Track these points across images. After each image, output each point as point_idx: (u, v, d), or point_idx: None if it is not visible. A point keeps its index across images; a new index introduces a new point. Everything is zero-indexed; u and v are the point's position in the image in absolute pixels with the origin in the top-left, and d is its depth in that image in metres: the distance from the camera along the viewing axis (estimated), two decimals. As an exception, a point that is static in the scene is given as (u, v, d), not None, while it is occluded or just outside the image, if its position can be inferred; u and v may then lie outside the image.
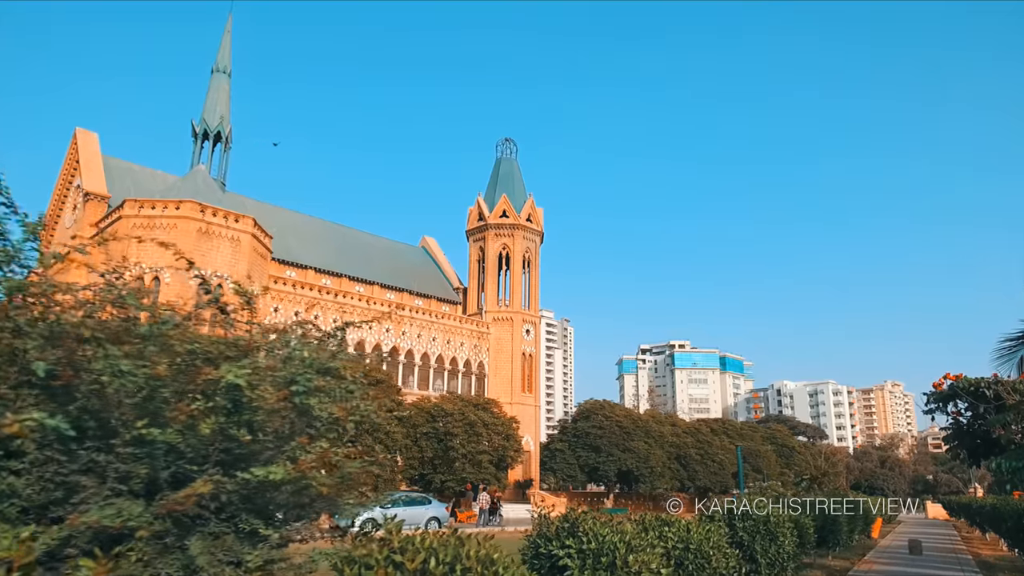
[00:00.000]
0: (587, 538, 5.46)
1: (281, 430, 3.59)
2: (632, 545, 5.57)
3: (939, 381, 11.39)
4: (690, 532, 7.27)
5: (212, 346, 3.55)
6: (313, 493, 3.57)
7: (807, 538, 11.90)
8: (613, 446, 46.54)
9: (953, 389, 10.64)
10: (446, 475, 36.73)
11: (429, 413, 37.60)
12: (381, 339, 58.56)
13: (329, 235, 66.90)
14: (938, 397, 11.05)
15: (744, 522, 9.81)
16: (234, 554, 3.07)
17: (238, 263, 46.19)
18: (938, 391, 11.22)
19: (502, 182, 72.44)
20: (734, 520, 9.84)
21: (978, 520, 26.86)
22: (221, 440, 3.20)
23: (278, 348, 3.97)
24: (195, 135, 60.87)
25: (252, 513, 3.28)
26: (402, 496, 27.92)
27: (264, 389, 3.36)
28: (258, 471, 3.07)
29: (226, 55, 64.29)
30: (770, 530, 9.78)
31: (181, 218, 44.93)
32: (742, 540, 9.65)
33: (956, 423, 10.85)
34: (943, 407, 10.98)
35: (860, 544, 21.83)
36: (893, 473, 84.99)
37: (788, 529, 10.14)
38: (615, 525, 5.80)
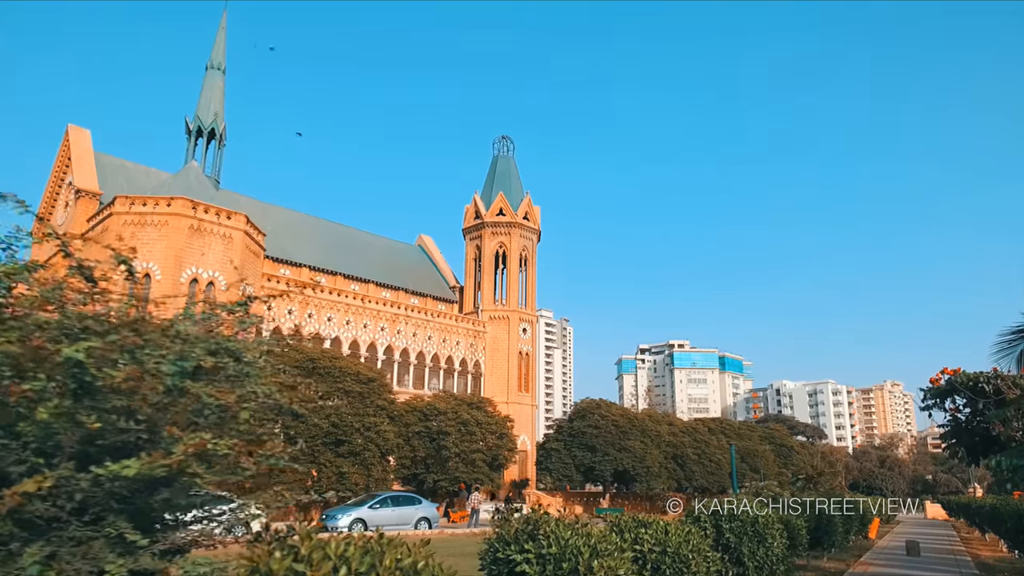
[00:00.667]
0: (547, 542, 4.99)
1: (157, 418, 3.08)
2: (598, 549, 5.09)
3: (936, 376, 10.89)
4: (668, 534, 6.80)
5: (77, 321, 3.02)
6: (204, 492, 3.07)
7: (799, 540, 11.43)
8: (609, 445, 46.05)
9: (951, 384, 10.14)
10: (439, 475, 36.25)
11: (422, 412, 37.12)
12: (376, 338, 58.07)
13: (324, 233, 66.42)
14: (935, 393, 10.53)
15: (731, 523, 9.35)
16: (96, 564, 2.59)
17: (230, 261, 45.68)
18: (935, 387, 10.71)
19: (499, 180, 71.97)
20: (720, 521, 9.37)
21: (977, 520, 26.39)
22: (71, 428, 2.69)
23: (168, 327, 3.46)
24: (188, 132, 60.35)
25: (127, 516, 2.79)
26: (390, 496, 27.45)
27: (124, 369, 2.84)
28: (112, 466, 2.58)
29: (220, 52, 63.80)
30: (758, 532, 9.31)
31: (172, 215, 44.44)
32: (728, 543, 9.18)
33: (954, 420, 10.34)
34: (940, 403, 10.47)
35: (856, 545, 21.36)
36: (892, 473, 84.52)
37: (777, 531, 9.67)
38: (581, 528, 5.33)
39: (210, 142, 60.93)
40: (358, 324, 57.06)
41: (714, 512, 9.52)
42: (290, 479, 21.83)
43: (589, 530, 5.39)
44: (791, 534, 11.30)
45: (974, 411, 9.92)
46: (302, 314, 53.57)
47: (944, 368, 10.38)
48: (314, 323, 54.00)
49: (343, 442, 32.37)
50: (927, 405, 10.60)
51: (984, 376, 9.65)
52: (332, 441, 32.31)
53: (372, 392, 33.69)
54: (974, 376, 9.78)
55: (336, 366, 33.59)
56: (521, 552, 5.05)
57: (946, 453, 10.76)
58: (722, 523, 9.30)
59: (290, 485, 18.64)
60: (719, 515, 9.45)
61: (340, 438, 32.33)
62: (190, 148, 59.76)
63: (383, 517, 26.51)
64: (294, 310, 53.10)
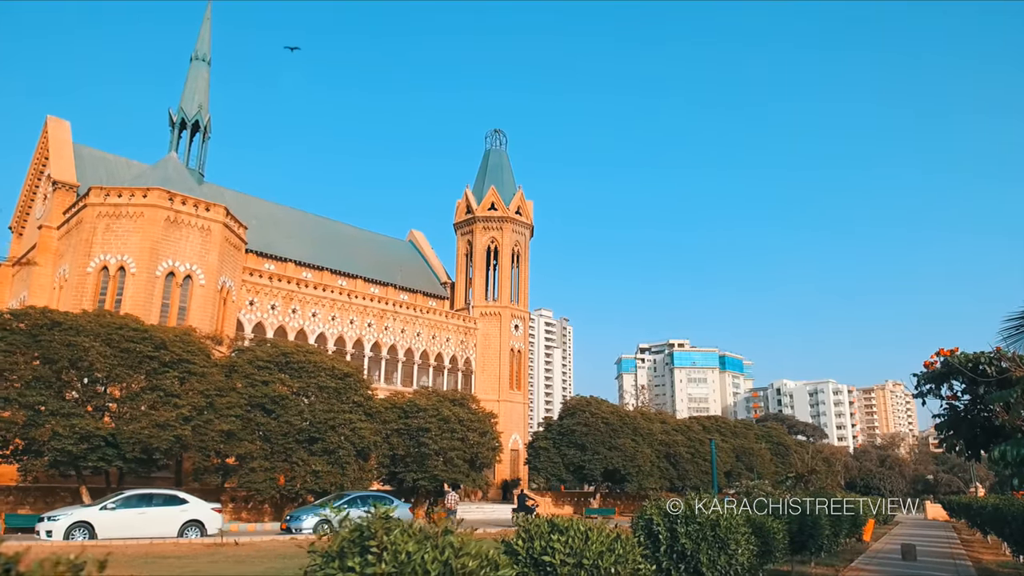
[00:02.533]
0: (377, 558, 3.64)
1: None
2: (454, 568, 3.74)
3: (931, 359, 9.47)
4: (588, 541, 5.43)
5: None
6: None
7: (774, 544, 10.05)
8: (599, 444, 44.65)
9: (948, 367, 8.71)
10: (419, 473, 34.86)
11: (402, 409, 35.74)
12: (362, 334, 56.74)
13: (311, 227, 65.10)
14: (930, 377, 9.10)
15: (687, 526, 7.98)
16: None
17: (208, 253, 44.41)
18: (930, 371, 9.29)
19: (491, 174, 70.63)
20: (674, 524, 7.99)
21: (979, 521, 25.00)
22: None
23: None
24: (172, 124, 59.11)
25: None
26: (359, 496, 26.02)
27: None
28: None
29: (205, 43, 62.55)
30: (719, 536, 7.93)
31: (148, 206, 43.13)
32: (684, 550, 7.82)
33: (951, 409, 8.91)
34: (936, 390, 9.04)
35: (849, 548, 19.98)
36: (892, 472, 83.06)
37: (743, 535, 8.29)
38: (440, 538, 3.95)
39: (194, 135, 59.69)
40: (344, 320, 55.73)
41: (667, 513, 8.15)
42: (260, 479, 20.16)
43: (462, 539, 4.00)
44: (764, 538, 9.93)
45: (974, 398, 8.50)
46: (286, 309, 52.24)
47: (940, 349, 8.96)
48: (298, 319, 52.67)
49: (317, 440, 31.06)
50: (921, 392, 9.14)
51: (986, 356, 8.25)
52: (306, 439, 31.01)
53: (348, 388, 32.34)
54: (974, 356, 8.37)
55: (310, 361, 32.24)
56: (345, 571, 3.71)
57: (942, 447, 9.27)
58: (676, 526, 7.93)
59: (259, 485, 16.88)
60: (673, 517, 8.08)
61: (314, 436, 31.02)
62: (174, 140, 58.53)
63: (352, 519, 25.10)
64: (277, 305, 51.78)
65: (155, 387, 27.66)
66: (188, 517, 21.99)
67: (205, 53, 62.25)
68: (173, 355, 28.38)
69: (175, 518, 21.48)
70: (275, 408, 30.59)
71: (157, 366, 27.80)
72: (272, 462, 30.36)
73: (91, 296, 40.95)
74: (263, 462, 30.28)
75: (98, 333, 26.64)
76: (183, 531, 23.29)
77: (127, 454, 26.12)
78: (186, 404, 27.72)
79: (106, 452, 25.97)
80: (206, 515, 22.14)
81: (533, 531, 5.50)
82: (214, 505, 22.65)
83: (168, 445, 26.50)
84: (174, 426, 26.54)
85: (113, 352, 26.71)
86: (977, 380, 8.72)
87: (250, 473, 30.19)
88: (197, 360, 29.64)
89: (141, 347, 27.31)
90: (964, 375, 8.93)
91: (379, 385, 54.98)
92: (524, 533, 5.50)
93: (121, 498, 21.57)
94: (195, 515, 21.96)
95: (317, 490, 30.86)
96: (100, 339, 26.56)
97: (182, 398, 27.92)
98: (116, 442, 25.98)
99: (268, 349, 32.78)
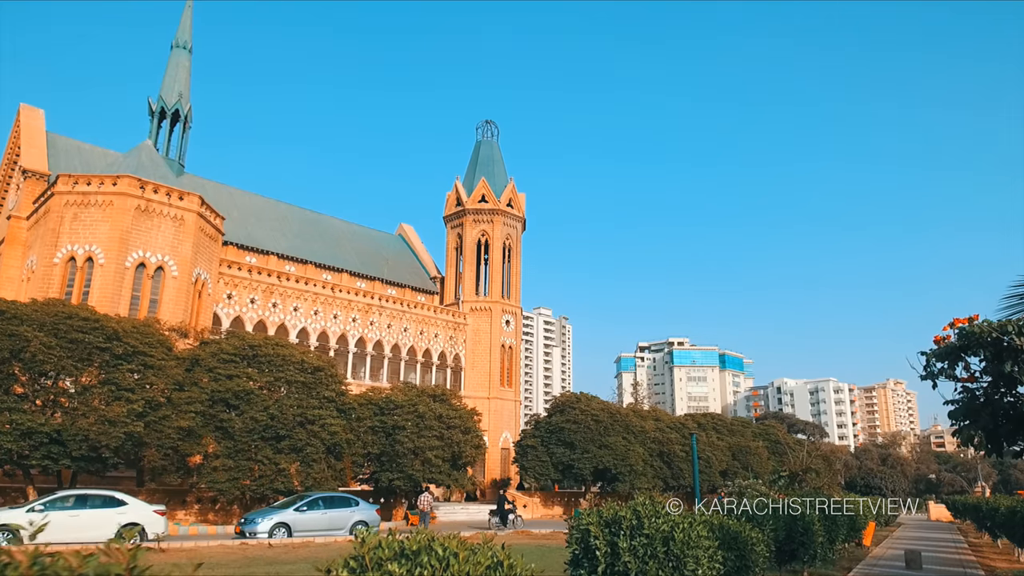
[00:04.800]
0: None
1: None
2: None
3: (941, 335, 7.64)
4: (448, 570, 3.67)
5: None
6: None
7: (752, 557, 8.27)
8: (588, 442, 42.82)
9: (965, 339, 6.86)
10: (394, 473, 33.06)
11: (377, 405, 33.93)
12: (347, 329, 54.92)
13: (296, 220, 63.27)
14: (942, 354, 7.22)
15: (632, 540, 6.20)
16: None
17: (182, 244, 42.63)
18: (941, 346, 7.42)
19: (482, 166, 68.79)
20: (616, 538, 6.21)
21: (989, 524, 23.19)
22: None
23: None
24: (151, 113, 57.43)
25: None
26: (322, 497, 24.21)
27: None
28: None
29: (186, 30, 60.84)
30: (673, 553, 6.15)
31: (118, 194, 41.36)
32: (627, 569, 6.04)
33: (968, 393, 7.01)
34: (949, 369, 7.14)
35: (847, 554, 18.19)
36: (894, 471, 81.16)
37: (706, 549, 6.51)
38: None
39: (175, 124, 58.03)
40: (327, 315, 53.93)
41: (609, 522, 6.37)
42: (223, 479, 17.33)
43: None
44: (740, 551, 8.16)
45: (998, 377, 6.62)
46: (266, 303, 50.45)
47: (954, 319, 7.13)
48: (279, 313, 50.88)
49: (284, 437, 29.31)
50: (930, 372, 7.24)
51: (1015, 325, 6.41)
52: (273, 436, 29.26)
53: (319, 383, 30.55)
54: (1000, 325, 6.52)
55: (279, 354, 30.47)
56: None
57: (956, 440, 7.36)
58: (618, 540, 6.15)
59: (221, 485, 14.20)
60: (615, 527, 6.30)
61: (281, 433, 29.26)
62: (153, 130, 56.89)
63: (312, 521, 23.30)
64: (257, 299, 49.99)
65: (108, 381, 25.92)
66: (126, 520, 20.22)
67: (186, 41, 60.53)
68: (128, 347, 26.60)
69: (111, 521, 19.60)
70: (240, 404, 28.83)
71: (109, 358, 26.03)
72: (236, 461, 28.59)
73: (58, 288, 39.22)
74: (227, 461, 28.53)
75: (43, 323, 24.87)
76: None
77: (74, 452, 24.36)
78: (140, 399, 25.96)
79: (51, 450, 24.21)
80: (147, 518, 20.23)
81: (368, 558, 3.72)
82: (157, 507, 20.81)
83: (118, 443, 24.71)
84: (125, 422, 24.77)
85: (60, 343, 24.94)
86: (1004, 354, 6.86)
87: (212, 472, 28.45)
88: (156, 353, 27.88)
89: (91, 338, 25.53)
90: (987, 349, 7.02)
91: (365, 382, 53.24)
92: (355, 562, 3.73)
93: (51, 499, 19.84)
94: (134, 518, 20.03)
95: (284, 490, 29.11)
96: (46, 329, 24.80)
97: (136, 392, 26.17)
98: (62, 439, 24.23)
99: (234, 342, 31.01)
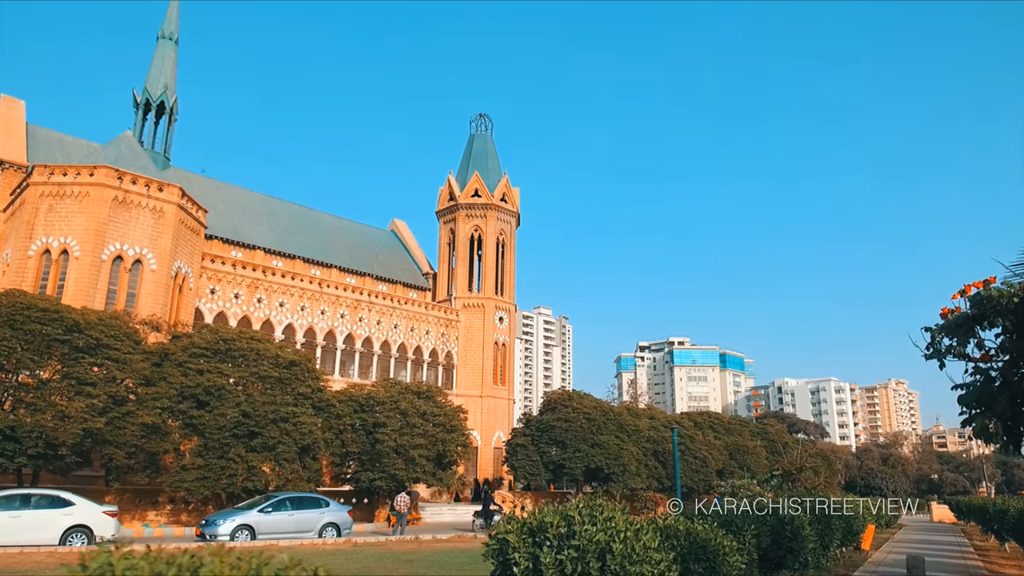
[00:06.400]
0: None
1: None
2: None
3: (949, 307, 6.22)
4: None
5: None
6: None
7: (724, 569, 6.96)
8: (580, 441, 41.51)
9: (980, 306, 5.45)
10: (375, 473, 31.75)
11: (357, 402, 32.63)
12: (334, 325, 53.64)
13: (285, 215, 61.99)
14: (952, 327, 5.77)
15: (562, 552, 4.90)
16: None
17: (161, 236, 41.36)
18: (949, 318, 5.99)
19: (475, 159, 67.49)
20: (538, 551, 4.91)
21: (996, 527, 21.87)
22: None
23: None
24: (136, 105, 56.22)
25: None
26: (289, 498, 22.90)
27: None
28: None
29: (173, 20, 59.61)
30: (611, 569, 4.85)
31: (94, 185, 40.12)
32: (550, 590, 4.74)
33: (981, 374, 5.53)
34: (960, 346, 5.65)
35: (844, 559, 16.88)
36: (895, 471, 79.72)
37: (656, 564, 5.21)
38: None
39: (160, 117, 56.86)
40: (314, 310, 52.65)
41: (534, 530, 5.06)
42: (191, 477, 14.80)
43: None
44: (710, 562, 6.85)
45: (1020, 355, 5.16)
46: (250, 299, 49.18)
47: (965, 285, 5.75)
48: (264, 308, 49.61)
49: (256, 435, 28.03)
50: (936, 349, 5.74)
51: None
52: (244, 433, 27.98)
53: (293, 378, 29.27)
54: (1021, 288, 5.13)
55: (253, 348, 29.20)
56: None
57: (966, 429, 5.82)
58: (540, 553, 4.84)
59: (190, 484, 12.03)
60: (541, 534, 5.00)
61: (253, 430, 27.99)
62: (138, 122, 55.74)
63: (277, 523, 21.99)
64: (241, 294, 48.72)
65: (68, 375, 24.68)
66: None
67: (172, 32, 59.32)
68: (90, 339, 25.35)
69: (56, 523, 18.42)
70: (211, 400, 27.57)
71: (69, 351, 24.79)
72: (207, 459, 27.32)
73: (32, 282, 38.00)
74: (196, 459, 27.29)
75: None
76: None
77: (29, 450, 23.11)
78: (102, 394, 24.71)
79: (5, 447, 22.97)
80: (95, 519, 18.91)
81: None
82: (108, 508, 19.54)
83: (76, 440, 23.44)
84: (84, 418, 23.50)
85: (16, 335, 23.70)
86: (1023, 329, 5.46)
87: (181, 471, 27.20)
88: (122, 346, 26.63)
89: (49, 329, 24.28)
90: (1007, 318, 5.60)
91: (354, 380, 51.91)
92: None
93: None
94: (81, 519, 18.70)
95: (257, 491, 27.84)
96: (0, 320, 23.56)
97: (99, 387, 24.91)
98: (16, 436, 22.99)
99: (207, 335, 29.75)
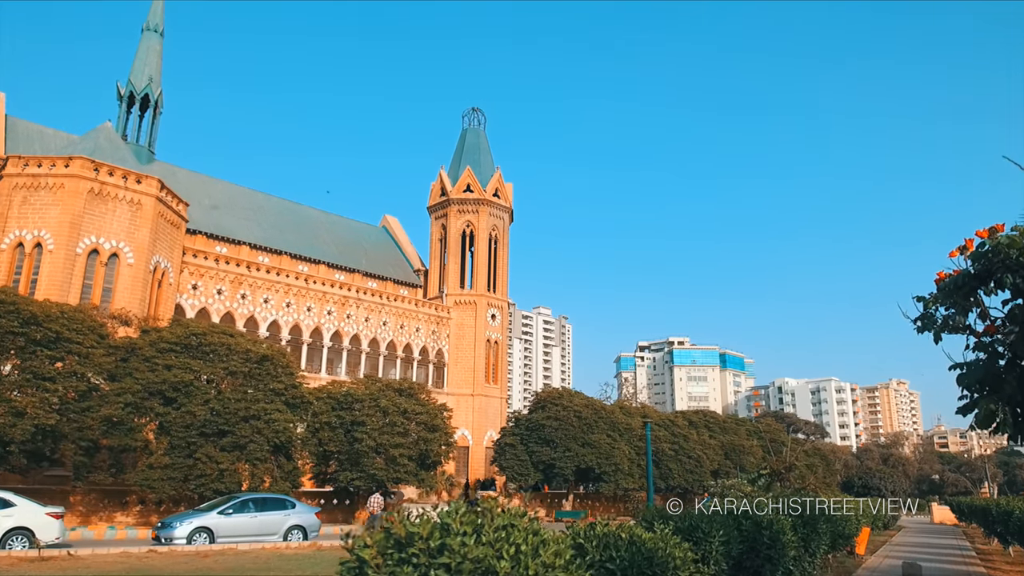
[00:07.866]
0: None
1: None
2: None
3: (946, 271, 5.01)
4: None
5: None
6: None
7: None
8: (570, 440, 40.33)
9: (985, 262, 4.24)
10: (354, 473, 30.57)
11: (335, 400, 31.46)
12: (321, 322, 52.49)
13: (272, 210, 60.81)
14: (950, 291, 4.54)
15: (432, 573, 3.68)
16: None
17: (139, 230, 40.22)
18: (947, 282, 4.77)
19: (467, 154, 66.34)
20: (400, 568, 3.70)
21: (999, 530, 20.69)
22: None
23: None
24: (120, 98, 55.12)
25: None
26: (252, 499, 21.72)
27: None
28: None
29: (158, 12, 58.56)
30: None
31: (70, 177, 39.01)
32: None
33: (986, 349, 4.30)
34: (959, 315, 4.43)
35: (836, 565, 15.67)
36: (896, 471, 78.45)
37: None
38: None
39: (145, 109, 55.75)
40: (300, 307, 51.49)
41: (401, 543, 3.85)
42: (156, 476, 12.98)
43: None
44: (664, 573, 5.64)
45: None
46: (234, 295, 48.04)
47: (966, 240, 4.57)
48: (248, 305, 48.47)
49: (226, 433, 26.86)
50: (929, 322, 4.51)
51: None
52: (213, 432, 26.81)
53: (265, 374, 28.11)
54: None
55: (224, 343, 28.04)
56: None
57: (967, 417, 4.49)
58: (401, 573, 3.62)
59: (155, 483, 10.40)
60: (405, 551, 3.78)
61: (223, 428, 26.82)
62: (122, 115, 54.62)
63: (239, 526, 20.81)
64: (224, 290, 47.58)
65: (24, 369, 23.54)
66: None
67: (157, 24, 58.25)
68: (49, 332, 24.21)
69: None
70: (177, 396, 26.41)
71: (25, 344, 23.65)
72: (173, 458, 26.17)
73: (4, 276, 36.88)
74: (162, 458, 26.13)
75: (-53, 304, 22.50)
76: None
77: (-23, 448, 21.98)
78: (60, 389, 23.56)
79: (-46, 445, 21.85)
80: (37, 521, 17.76)
81: None
82: (52, 509, 18.38)
83: (27, 436, 22.27)
84: (36, 414, 22.34)
85: (-33, 327, 22.58)
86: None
87: (147, 470, 26.04)
88: (85, 340, 25.50)
89: (4, 322, 23.14)
90: (1018, 275, 4.26)
91: (341, 378, 50.76)
92: None
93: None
94: (22, 521, 17.57)
95: (228, 492, 26.67)
96: (-50, 311, 22.45)
97: (57, 382, 23.77)
98: (-34, 433, 21.84)
99: (177, 330, 28.59)
